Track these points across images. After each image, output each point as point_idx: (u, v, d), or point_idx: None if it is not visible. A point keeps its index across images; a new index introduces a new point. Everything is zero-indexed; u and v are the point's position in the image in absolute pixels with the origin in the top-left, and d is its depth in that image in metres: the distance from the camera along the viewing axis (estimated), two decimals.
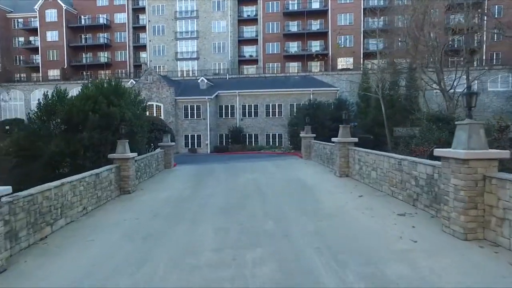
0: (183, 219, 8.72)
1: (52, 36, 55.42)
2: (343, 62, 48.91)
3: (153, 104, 38.66)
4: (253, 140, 39.40)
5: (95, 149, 13.19)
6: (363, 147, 16.98)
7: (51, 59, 55.61)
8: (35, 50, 56.99)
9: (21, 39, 58.40)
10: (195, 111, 38.44)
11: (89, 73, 56.85)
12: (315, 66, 50.46)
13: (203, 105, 38.04)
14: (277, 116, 39.04)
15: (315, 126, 23.01)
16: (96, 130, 13.04)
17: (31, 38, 58.05)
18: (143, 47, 55.51)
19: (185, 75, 51.19)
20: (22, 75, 58.43)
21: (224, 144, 39.69)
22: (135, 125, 15.95)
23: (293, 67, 51.07)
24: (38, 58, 56.73)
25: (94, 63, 56.50)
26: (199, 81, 42.31)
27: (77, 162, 12.72)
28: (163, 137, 20.39)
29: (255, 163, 21.77)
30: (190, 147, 38.44)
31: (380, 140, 27.59)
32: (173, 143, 21.09)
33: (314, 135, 20.81)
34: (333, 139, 14.04)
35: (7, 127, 25.91)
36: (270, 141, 39.14)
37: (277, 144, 38.74)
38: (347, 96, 36.51)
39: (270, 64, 51.78)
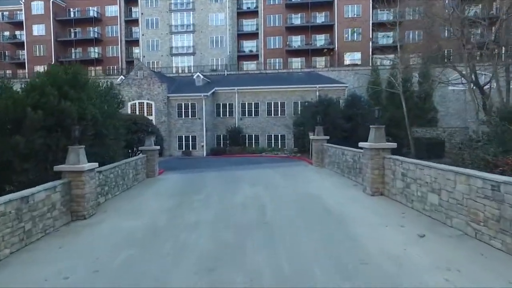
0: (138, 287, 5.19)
1: (38, 30, 51.87)
2: (350, 58, 45.37)
3: (143, 102, 35.19)
4: (253, 141, 35.91)
5: (39, 158, 9.66)
6: None
7: (38, 54, 52.06)
8: (21, 45, 53.42)
9: (6, 33, 54.81)
10: (189, 110, 34.92)
11: None
12: (320, 62, 46.94)
13: (199, 103, 34.52)
14: (279, 115, 35.55)
15: (327, 127, 19.51)
16: (39, 132, 9.51)
17: (17, 32, 54.46)
18: (136, 42, 51.97)
19: (180, 71, 47.71)
20: (7, 71, 54.82)
21: (221, 145, 36.18)
22: (103, 125, 12.46)
23: (296, 63, 47.53)
24: (24, 54, 53.16)
25: (84, 58, 52.82)
26: (194, 77, 38.83)
27: (11, 178, 9.20)
28: (146, 139, 16.86)
29: (256, 170, 18.26)
30: (184, 149, 34.94)
31: (399, 143, 24.02)
32: (157, 147, 17.55)
33: (328, 137, 17.31)
34: (362, 144, 10.50)
35: None
36: (272, 142, 35.63)
37: (279, 146, 35.24)
38: (356, 93, 32.90)
39: (272, 59, 48.28)
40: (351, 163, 12.85)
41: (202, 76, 38.32)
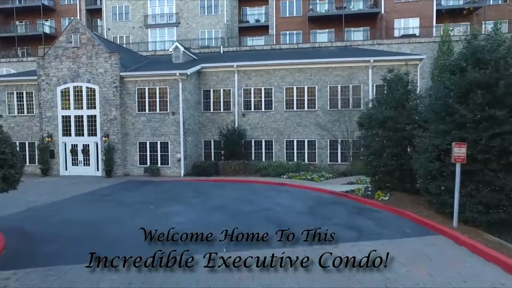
0: None
1: None
2: (404, 26, 31.09)
3: (81, 86, 21.10)
4: (262, 151, 21.84)
5: None
6: None
7: None
8: None
9: None
10: (157, 99, 20.83)
11: (25, 49, 39.55)
12: (357, 33, 32.73)
13: (173, 87, 20.43)
14: (306, 108, 21.49)
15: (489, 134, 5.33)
16: None
17: None
18: (100, 12, 37.96)
19: (158, 48, 33.65)
20: None
21: (211, 158, 22.14)
22: None
23: (322, 35, 33.35)
24: None
25: (32, 33, 38.85)
26: (171, 49, 24.64)
27: None
28: None
29: None
30: (149, 164, 20.88)
31: None
32: None
33: None
34: None
35: None
36: (294, 153, 21.54)
37: (306, 159, 21.18)
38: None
39: (287, 32, 34.15)
40: None
41: (182, 49, 24.17)
